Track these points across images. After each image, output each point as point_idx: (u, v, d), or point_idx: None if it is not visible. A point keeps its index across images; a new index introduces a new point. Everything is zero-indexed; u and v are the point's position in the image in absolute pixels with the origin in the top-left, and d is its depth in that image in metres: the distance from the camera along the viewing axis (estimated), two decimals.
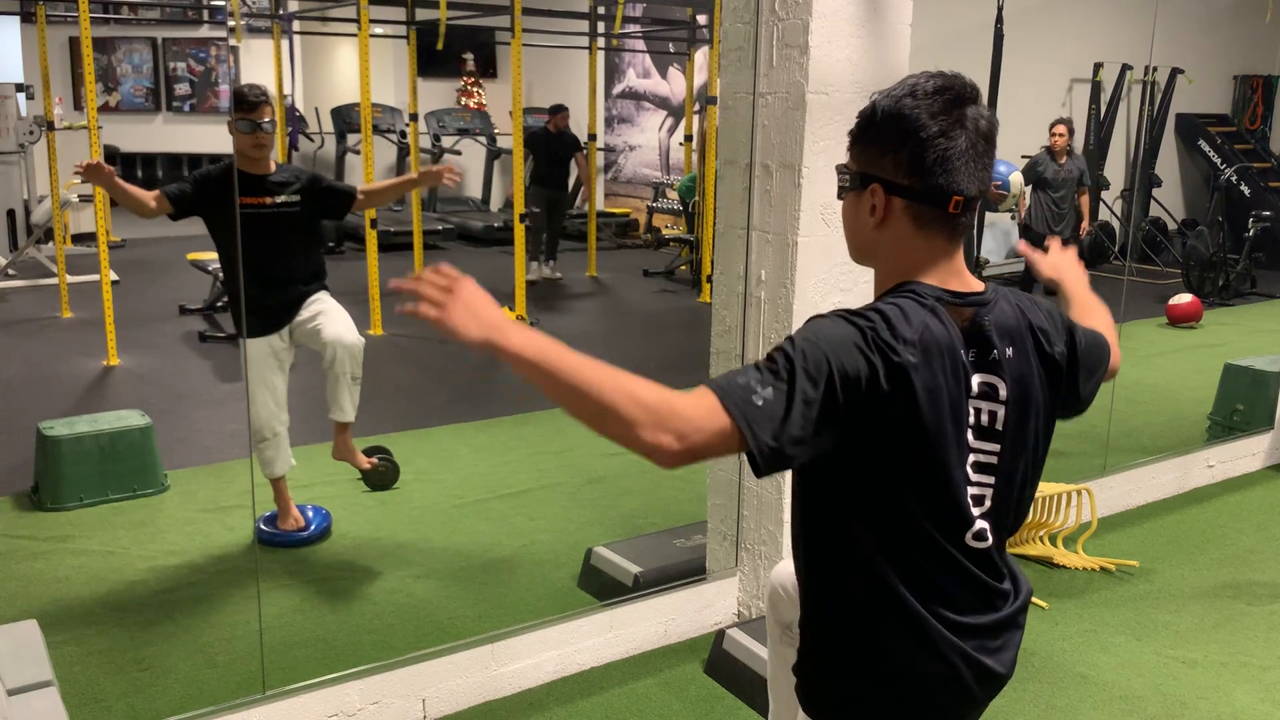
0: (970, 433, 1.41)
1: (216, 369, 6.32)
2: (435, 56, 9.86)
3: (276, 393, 3.77)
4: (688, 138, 11.03)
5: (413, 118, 9.19)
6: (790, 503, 1.52)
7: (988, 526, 1.45)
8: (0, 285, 8.31)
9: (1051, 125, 7.18)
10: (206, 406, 5.58)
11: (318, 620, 3.37)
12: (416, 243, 9.07)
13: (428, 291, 1.32)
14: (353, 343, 3.73)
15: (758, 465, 1.28)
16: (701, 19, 10.55)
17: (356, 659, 2.89)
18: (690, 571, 3.41)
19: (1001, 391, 1.43)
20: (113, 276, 6.44)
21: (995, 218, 7.82)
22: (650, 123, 12.84)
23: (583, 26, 10.31)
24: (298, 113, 11.56)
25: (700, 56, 10.91)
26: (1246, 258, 9.40)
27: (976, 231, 5.25)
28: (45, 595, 3.49)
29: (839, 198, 1.51)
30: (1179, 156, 10.97)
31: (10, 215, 9.39)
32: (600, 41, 10.29)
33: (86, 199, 8.84)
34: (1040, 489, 3.71)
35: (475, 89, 13.80)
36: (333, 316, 3.75)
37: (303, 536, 3.89)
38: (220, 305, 7.50)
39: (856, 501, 1.40)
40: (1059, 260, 1.96)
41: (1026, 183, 7.17)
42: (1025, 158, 7.38)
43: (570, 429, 5.39)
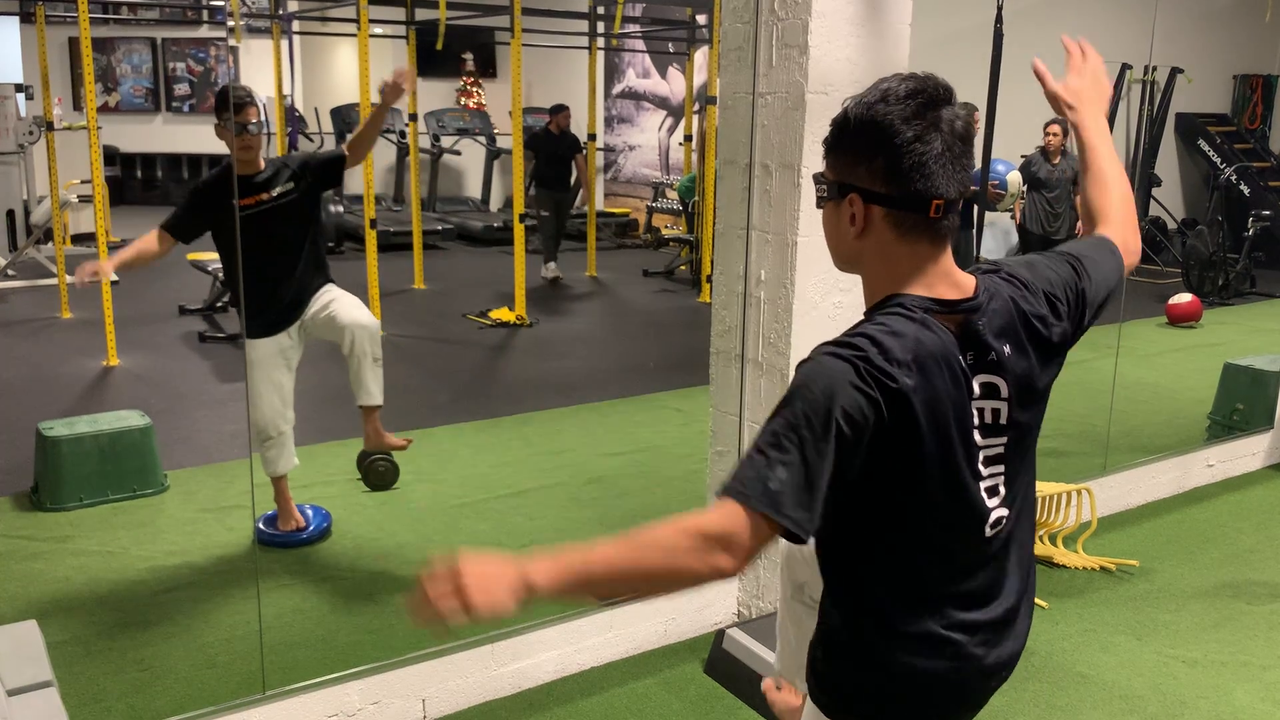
0: (977, 433, 1.41)
1: (216, 369, 6.32)
2: (435, 56, 9.86)
3: (283, 391, 3.77)
4: (687, 137, 11.04)
5: (412, 118, 9.19)
6: None
7: (1005, 512, 1.47)
8: (0, 285, 8.32)
9: (1046, 125, 7.15)
10: (206, 407, 5.58)
11: (318, 620, 3.37)
12: (416, 243, 9.08)
13: (439, 596, 1.24)
14: (370, 323, 3.75)
15: (798, 537, 1.27)
16: (701, 19, 10.55)
17: (357, 659, 2.89)
18: None
19: (1003, 389, 1.43)
20: (112, 277, 6.42)
21: (995, 217, 7.81)
22: (650, 123, 12.84)
23: (582, 26, 10.31)
24: (297, 113, 11.56)
25: (700, 56, 10.92)
26: (1246, 257, 9.40)
27: (976, 231, 5.23)
28: (45, 595, 3.49)
29: (818, 207, 1.49)
30: (1179, 156, 10.97)
31: (10, 216, 9.40)
32: (600, 41, 10.29)
33: (86, 199, 8.85)
34: (1040, 489, 3.72)
35: (475, 89, 13.81)
36: (345, 302, 3.76)
37: (303, 537, 3.89)
38: (220, 305, 7.50)
39: (872, 511, 1.41)
40: (1081, 86, 1.73)
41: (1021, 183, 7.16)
42: (1024, 157, 7.37)
43: (570, 429, 5.40)
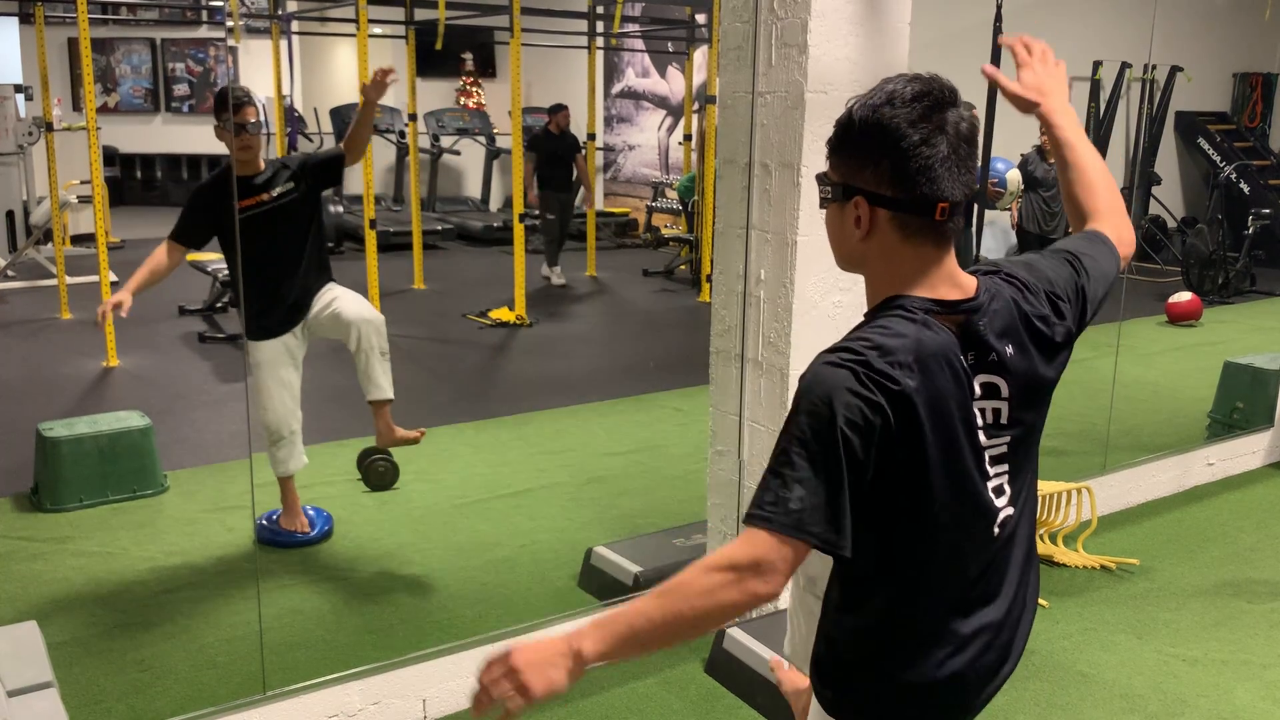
0: (981, 433, 1.41)
1: (216, 370, 6.32)
2: (434, 56, 9.85)
3: (293, 389, 3.77)
4: (687, 137, 11.03)
5: (412, 118, 9.19)
6: None
7: (1011, 511, 1.47)
8: (0, 286, 8.32)
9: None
10: (206, 407, 5.58)
11: (318, 621, 3.37)
12: (416, 243, 9.08)
13: (495, 686, 1.29)
14: (375, 317, 3.76)
15: (832, 552, 1.29)
16: (700, 18, 10.55)
17: (357, 659, 2.89)
18: None
19: (1004, 389, 1.43)
20: (112, 277, 6.43)
21: (995, 216, 7.81)
22: (649, 122, 12.84)
23: (582, 26, 10.31)
24: (297, 113, 11.57)
25: (699, 56, 10.91)
26: (1246, 255, 9.40)
27: (976, 230, 5.23)
28: (45, 596, 3.49)
29: (821, 208, 1.49)
30: (1178, 154, 10.96)
31: (9, 216, 9.40)
32: (599, 41, 10.29)
33: (85, 200, 8.84)
34: (1040, 487, 3.71)
35: (474, 89, 13.81)
36: (347, 299, 3.76)
37: (303, 538, 3.88)
38: (220, 306, 7.50)
39: (882, 513, 1.39)
40: (1039, 79, 1.67)
41: None
42: (1023, 156, 7.37)
43: (570, 429, 5.40)
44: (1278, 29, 10.12)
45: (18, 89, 9.49)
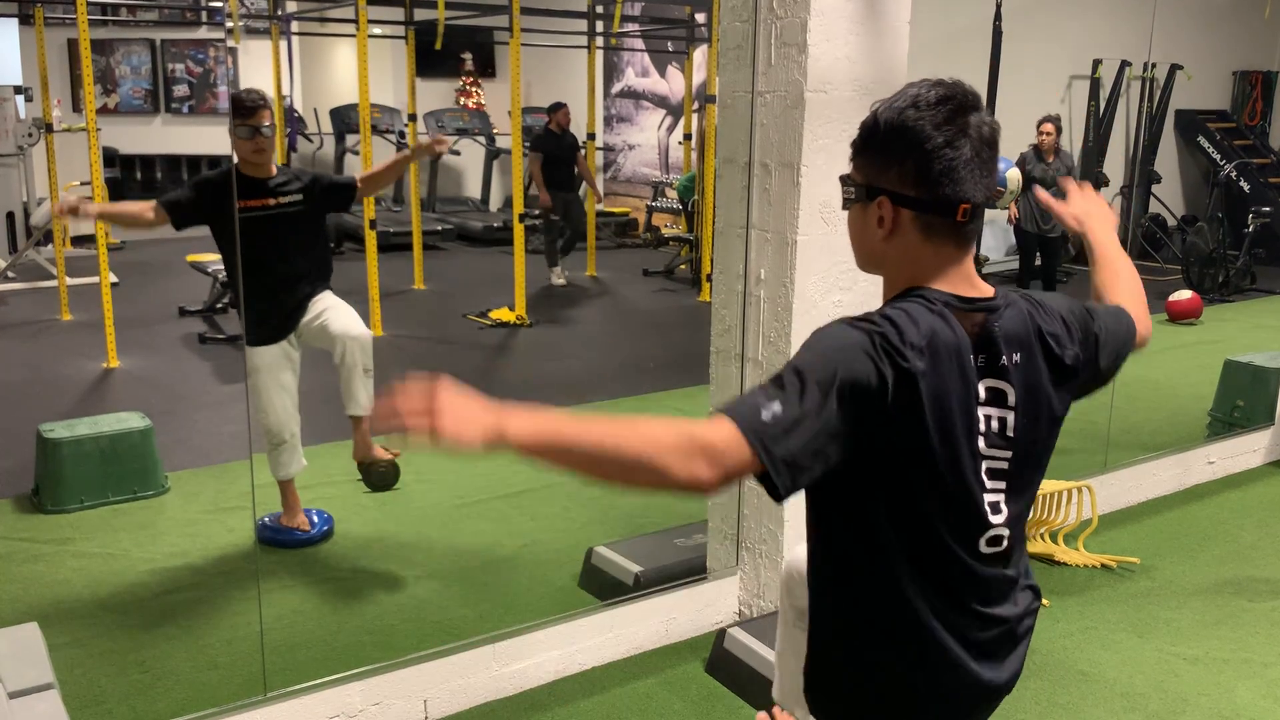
0: (982, 440, 1.40)
1: (216, 371, 6.32)
2: (434, 56, 9.85)
3: (291, 393, 3.79)
4: (687, 136, 11.02)
5: (411, 118, 9.18)
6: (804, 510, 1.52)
7: (1005, 532, 1.45)
8: (0, 288, 8.32)
9: (1039, 123, 7.11)
10: (206, 408, 5.58)
11: (319, 621, 3.37)
12: (416, 243, 9.07)
13: (409, 410, 1.24)
14: (361, 334, 3.77)
15: (773, 484, 1.25)
16: (700, 18, 10.55)
17: (358, 660, 2.89)
18: (691, 571, 3.41)
19: (1010, 398, 1.42)
20: (112, 278, 6.43)
21: (995, 215, 7.81)
22: (649, 122, 12.84)
23: (581, 26, 10.31)
24: (296, 114, 11.56)
25: (699, 55, 10.91)
26: (1246, 254, 9.40)
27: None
28: (46, 598, 3.49)
29: (844, 209, 1.50)
30: (1178, 153, 10.95)
31: (9, 218, 9.39)
32: (599, 41, 10.29)
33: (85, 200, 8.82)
34: (1041, 486, 3.71)
35: (474, 89, 13.80)
36: (338, 312, 3.76)
37: (304, 536, 3.89)
38: (220, 307, 7.50)
39: (867, 511, 1.39)
40: (1085, 207, 1.88)
41: None
42: (1022, 154, 7.36)
43: None
44: (1278, 27, 10.12)
45: (17, 90, 9.48)
